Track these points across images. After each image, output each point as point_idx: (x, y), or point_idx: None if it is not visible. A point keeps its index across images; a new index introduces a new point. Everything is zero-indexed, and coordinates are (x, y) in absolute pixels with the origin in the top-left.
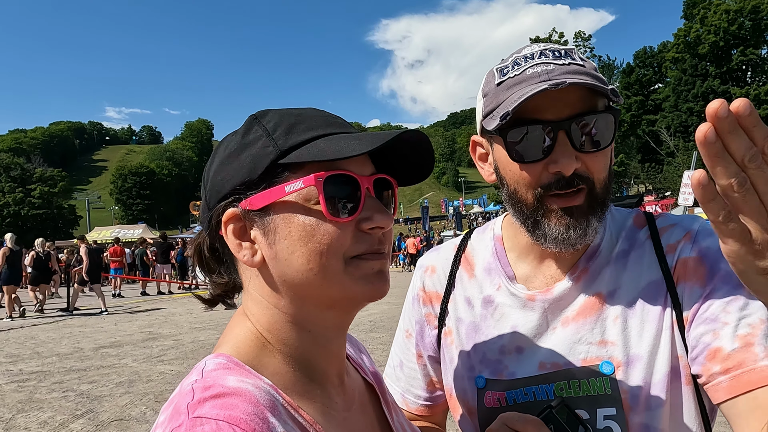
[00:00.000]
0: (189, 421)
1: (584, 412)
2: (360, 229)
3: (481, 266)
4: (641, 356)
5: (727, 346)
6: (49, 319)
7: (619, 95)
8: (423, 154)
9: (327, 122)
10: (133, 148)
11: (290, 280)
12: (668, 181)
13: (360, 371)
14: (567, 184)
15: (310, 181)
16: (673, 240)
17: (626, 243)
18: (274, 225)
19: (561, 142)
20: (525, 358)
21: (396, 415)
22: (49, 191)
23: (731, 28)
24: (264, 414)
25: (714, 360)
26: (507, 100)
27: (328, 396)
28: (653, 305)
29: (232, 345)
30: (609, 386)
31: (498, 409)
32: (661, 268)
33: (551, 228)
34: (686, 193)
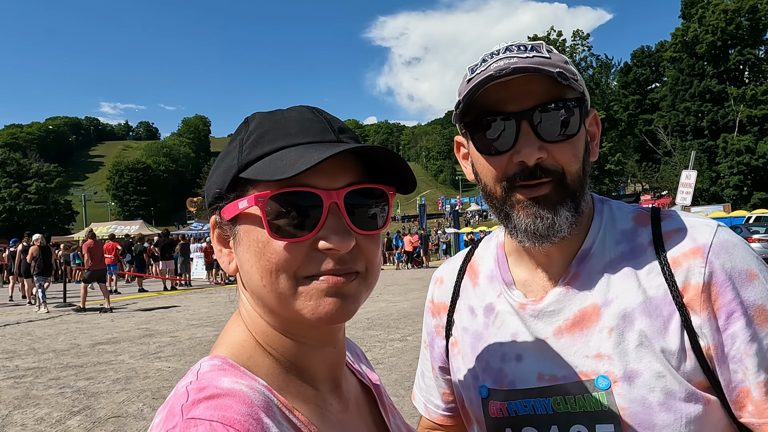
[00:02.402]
0: (183, 423)
1: (583, 427)
2: (315, 248)
3: (485, 274)
4: (640, 373)
5: (755, 393)
6: (45, 315)
7: (578, 78)
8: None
9: (300, 129)
10: (129, 144)
11: (255, 294)
12: (665, 181)
13: (357, 375)
14: (531, 175)
15: (252, 201)
16: (679, 252)
17: (625, 246)
18: (239, 237)
19: (524, 132)
20: (524, 368)
21: (394, 418)
22: (46, 187)
23: (729, 28)
24: (258, 414)
25: (746, 399)
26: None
27: (323, 398)
28: (656, 322)
29: (227, 347)
30: (606, 401)
31: (502, 419)
32: (666, 281)
33: (519, 219)
34: (684, 192)
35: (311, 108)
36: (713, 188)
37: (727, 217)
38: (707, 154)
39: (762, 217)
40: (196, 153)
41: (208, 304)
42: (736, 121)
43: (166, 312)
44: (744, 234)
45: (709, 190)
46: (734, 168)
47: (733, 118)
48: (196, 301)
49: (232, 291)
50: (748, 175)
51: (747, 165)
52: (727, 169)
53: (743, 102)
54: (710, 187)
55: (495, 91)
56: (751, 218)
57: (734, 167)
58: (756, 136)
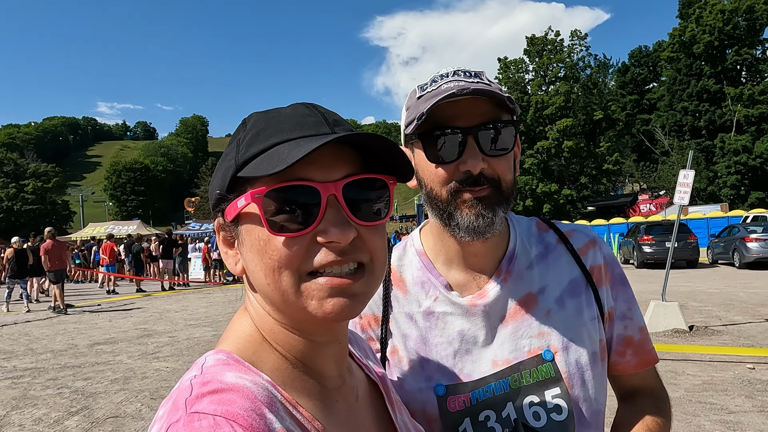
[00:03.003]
0: (187, 417)
1: (535, 396)
2: (316, 242)
3: (412, 282)
4: (573, 342)
5: (636, 336)
6: (42, 316)
7: (515, 104)
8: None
9: (294, 124)
10: (127, 144)
11: (261, 292)
12: (663, 180)
13: (364, 369)
14: (475, 182)
15: (249, 199)
16: (581, 244)
17: (540, 246)
18: (242, 237)
19: (470, 145)
20: (477, 360)
21: (400, 413)
22: (43, 187)
23: (726, 28)
24: (261, 410)
25: (629, 346)
26: (423, 108)
27: (328, 393)
28: (578, 299)
29: (233, 341)
30: (552, 370)
31: (462, 411)
32: (579, 266)
33: (463, 217)
34: (682, 191)
35: (306, 104)
36: (710, 188)
37: (724, 216)
38: (705, 153)
39: (759, 216)
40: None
41: (206, 304)
42: (733, 120)
43: (164, 312)
44: (741, 233)
45: (707, 190)
46: (731, 168)
47: (730, 117)
48: (194, 302)
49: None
50: (746, 175)
51: (744, 165)
52: (724, 169)
53: (740, 102)
54: (707, 187)
55: (445, 108)
56: (749, 218)
57: (731, 167)
58: (753, 136)
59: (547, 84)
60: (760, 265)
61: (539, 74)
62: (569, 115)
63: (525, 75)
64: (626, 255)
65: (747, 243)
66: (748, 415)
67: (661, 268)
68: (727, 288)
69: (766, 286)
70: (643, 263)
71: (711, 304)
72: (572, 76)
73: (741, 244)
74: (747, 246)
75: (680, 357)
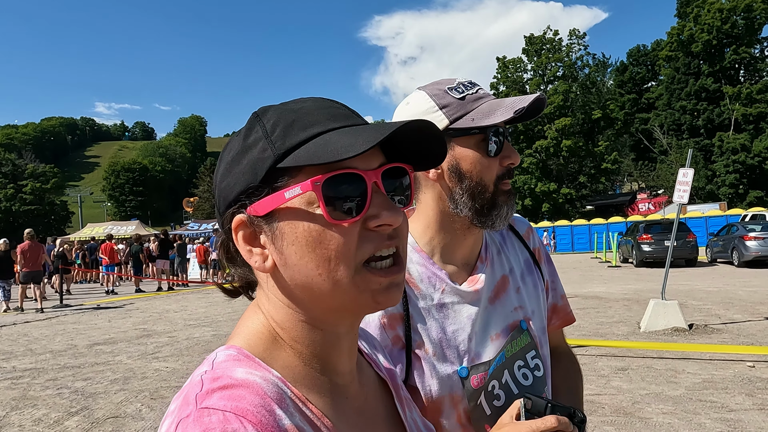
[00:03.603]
0: (197, 412)
1: (521, 360)
2: (367, 228)
3: (419, 278)
4: (535, 311)
5: (559, 302)
6: (42, 316)
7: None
8: (432, 140)
9: (328, 116)
10: (125, 144)
11: (301, 285)
12: (661, 179)
13: (373, 366)
14: (508, 174)
15: (308, 187)
16: (523, 230)
17: (498, 235)
18: (281, 230)
19: (507, 143)
20: (485, 339)
21: (410, 411)
22: (41, 187)
23: (724, 27)
24: (271, 406)
25: (554, 312)
26: (481, 107)
27: (338, 390)
28: (532, 275)
29: (244, 337)
30: (528, 336)
31: (480, 387)
32: (526, 248)
33: (502, 208)
34: (681, 190)
35: (322, 98)
36: (709, 187)
37: (723, 215)
38: (703, 152)
39: (758, 215)
40: (193, 153)
41: (206, 304)
42: (731, 119)
43: (163, 312)
44: (740, 232)
45: (705, 189)
46: (730, 166)
47: (728, 116)
48: (193, 302)
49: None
50: (744, 174)
51: (743, 163)
52: (722, 168)
53: (739, 100)
54: (706, 186)
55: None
56: (747, 216)
57: (730, 166)
58: (751, 135)
59: (545, 83)
60: (758, 264)
61: (538, 73)
62: (568, 114)
63: (523, 74)
64: (625, 254)
65: (746, 241)
66: (749, 413)
67: (660, 266)
68: (726, 286)
69: (765, 285)
70: (642, 262)
71: (710, 303)
72: (571, 75)
73: (740, 243)
74: (746, 244)
75: (680, 355)
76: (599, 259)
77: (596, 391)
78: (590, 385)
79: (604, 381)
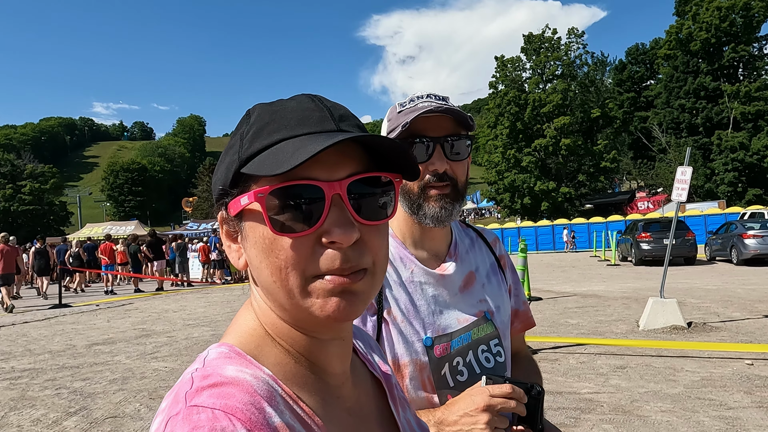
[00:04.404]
0: (186, 410)
1: (484, 345)
2: (321, 243)
3: (393, 257)
4: (500, 306)
5: (521, 308)
6: (40, 316)
7: (474, 122)
8: (400, 154)
9: (299, 119)
10: (124, 144)
11: (265, 289)
12: (660, 178)
13: (368, 366)
14: (440, 179)
15: (252, 198)
16: (491, 239)
17: (467, 239)
18: (245, 232)
19: (438, 151)
20: (448, 317)
21: (404, 411)
22: (40, 188)
23: (723, 25)
24: (261, 404)
25: (516, 316)
26: (404, 120)
27: (330, 390)
28: (496, 276)
29: (236, 335)
30: (493, 327)
31: (444, 357)
32: (492, 254)
33: (430, 209)
34: (679, 189)
35: (312, 96)
36: (708, 185)
37: (722, 213)
38: (702, 151)
39: (756, 213)
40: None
41: (205, 304)
42: (730, 117)
43: (162, 312)
44: (739, 230)
45: (704, 187)
46: (729, 165)
47: (727, 115)
48: (192, 301)
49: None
50: (743, 172)
51: (741, 161)
52: (721, 166)
53: (737, 99)
54: (705, 184)
55: (420, 122)
56: (746, 214)
57: (729, 164)
58: (750, 133)
59: (544, 82)
60: (757, 262)
61: (536, 72)
62: (566, 113)
63: (522, 73)
64: (624, 252)
65: (744, 239)
66: (747, 411)
67: (659, 265)
68: (725, 284)
69: (764, 283)
70: (641, 260)
71: (709, 301)
72: (569, 74)
73: (738, 241)
74: (744, 242)
75: (679, 353)
76: (598, 258)
77: (595, 389)
78: (589, 383)
79: (603, 379)
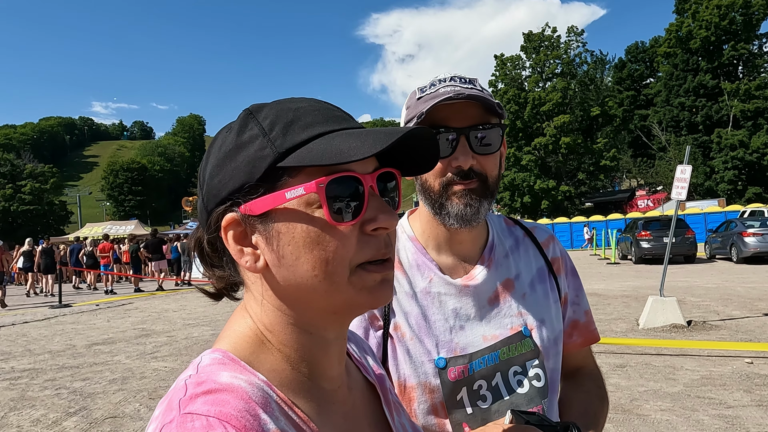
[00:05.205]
0: (180, 417)
1: (518, 367)
2: (364, 232)
3: (408, 264)
4: (544, 320)
5: (582, 319)
6: (40, 316)
7: (503, 109)
8: (428, 147)
9: (326, 117)
10: (124, 144)
11: (295, 286)
12: (660, 176)
13: (362, 370)
14: (465, 176)
15: (312, 188)
16: (543, 238)
17: (511, 239)
18: (277, 230)
19: (462, 144)
20: (470, 334)
21: (398, 415)
22: (40, 187)
23: (722, 23)
24: (255, 410)
25: (575, 328)
26: (422, 108)
27: (325, 395)
28: (544, 284)
29: (230, 340)
30: (531, 344)
31: (461, 380)
32: (543, 257)
33: (453, 206)
34: (679, 187)
35: (316, 99)
36: (708, 183)
37: (722, 211)
38: (701, 149)
39: (756, 211)
40: (192, 152)
41: (205, 303)
42: (730, 115)
43: (162, 312)
44: (739, 228)
45: (704, 185)
46: (728, 163)
47: (727, 113)
48: (192, 301)
49: None
50: (743, 170)
51: (741, 160)
52: (721, 164)
53: (737, 97)
54: (705, 182)
55: (441, 110)
56: (746, 213)
57: (728, 162)
58: (750, 131)
59: (544, 80)
60: (757, 260)
61: (536, 71)
62: (566, 111)
63: (522, 72)
64: (624, 251)
65: (744, 238)
66: (747, 410)
67: (659, 263)
68: (724, 283)
69: (764, 281)
70: (641, 259)
71: (709, 299)
72: (569, 72)
73: (738, 239)
74: (744, 241)
75: (678, 352)
76: (598, 256)
77: None
78: None
79: None
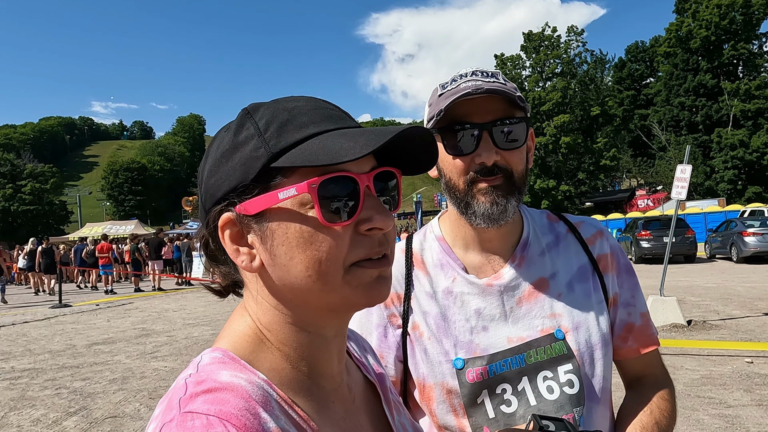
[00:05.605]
0: (180, 416)
1: (548, 371)
2: (358, 232)
3: (432, 263)
4: (582, 323)
5: (637, 322)
6: (40, 316)
7: (526, 102)
8: (426, 147)
9: (322, 116)
10: (124, 144)
11: (290, 285)
12: (660, 175)
13: (362, 369)
14: (489, 173)
15: (304, 188)
16: (589, 234)
17: (551, 235)
18: (271, 230)
19: (485, 139)
20: (493, 336)
21: (398, 414)
22: (40, 187)
23: (722, 23)
24: (255, 409)
25: (630, 332)
26: (443, 104)
27: (325, 394)
28: (585, 284)
29: (230, 339)
30: (564, 347)
31: (480, 383)
32: (587, 254)
33: (478, 205)
34: (679, 186)
35: (314, 98)
36: (708, 183)
37: (722, 211)
38: (702, 148)
39: (756, 211)
40: (192, 152)
41: (205, 303)
42: (730, 115)
43: (162, 312)
44: (739, 228)
45: (704, 185)
46: (728, 162)
47: (727, 112)
48: (192, 301)
49: None
50: (743, 170)
51: (741, 159)
52: (721, 164)
53: (737, 96)
54: (705, 182)
55: (463, 105)
56: (746, 212)
57: (728, 161)
58: (750, 131)
59: (544, 80)
60: (757, 260)
61: (536, 70)
62: (566, 111)
63: (522, 71)
64: (624, 250)
65: (744, 237)
66: (747, 409)
67: (659, 263)
68: (724, 282)
69: (764, 280)
70: (641, 258)
71: (709, 299)
72: (569, 72)
73: (738, 239)
74: (744, 240)
75: (678, 351)
76: None
77: None
78: None
79: None
